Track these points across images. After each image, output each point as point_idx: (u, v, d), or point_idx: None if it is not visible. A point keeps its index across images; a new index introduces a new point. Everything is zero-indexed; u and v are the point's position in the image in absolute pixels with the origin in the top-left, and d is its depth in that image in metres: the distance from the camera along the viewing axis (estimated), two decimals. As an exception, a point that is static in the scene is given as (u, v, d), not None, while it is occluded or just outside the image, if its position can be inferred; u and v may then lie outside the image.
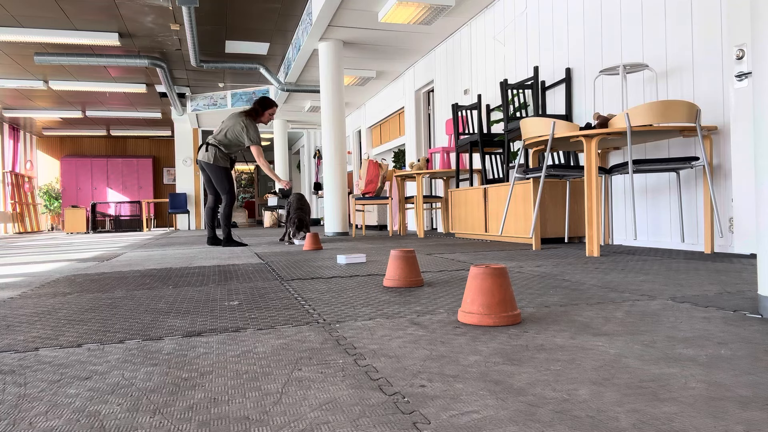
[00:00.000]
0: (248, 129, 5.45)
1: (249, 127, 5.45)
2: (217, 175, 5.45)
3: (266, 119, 5.58)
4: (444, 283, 2.40)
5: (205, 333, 1.54)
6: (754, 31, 1.61)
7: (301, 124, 14.48)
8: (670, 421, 0.84)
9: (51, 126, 15.27)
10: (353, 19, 6.73)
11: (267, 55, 9.46)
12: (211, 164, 5.44)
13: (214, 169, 5.44)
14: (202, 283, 2.66)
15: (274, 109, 5.64)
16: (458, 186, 6.18)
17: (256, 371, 1.16)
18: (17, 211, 14.79)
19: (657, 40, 4.03)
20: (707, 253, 3.45)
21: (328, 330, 1.54)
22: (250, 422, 0.88)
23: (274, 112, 5.64)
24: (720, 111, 3.55)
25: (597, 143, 3.37)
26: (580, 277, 2.47)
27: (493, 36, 6.39)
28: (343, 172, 7.56)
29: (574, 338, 1.37)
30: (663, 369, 1.11)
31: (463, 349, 1.30)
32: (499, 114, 6.29)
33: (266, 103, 5.61)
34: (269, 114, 5.60)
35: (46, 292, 2.51)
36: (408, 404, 0.94)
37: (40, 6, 7.04)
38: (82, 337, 1.53)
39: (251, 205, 21.38)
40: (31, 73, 10.01)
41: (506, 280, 1.57)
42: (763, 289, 1.58)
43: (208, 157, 5.45)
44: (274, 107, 5.62)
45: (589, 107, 4.77)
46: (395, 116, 10.30)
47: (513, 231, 4.72)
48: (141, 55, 9.08)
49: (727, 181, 3.51)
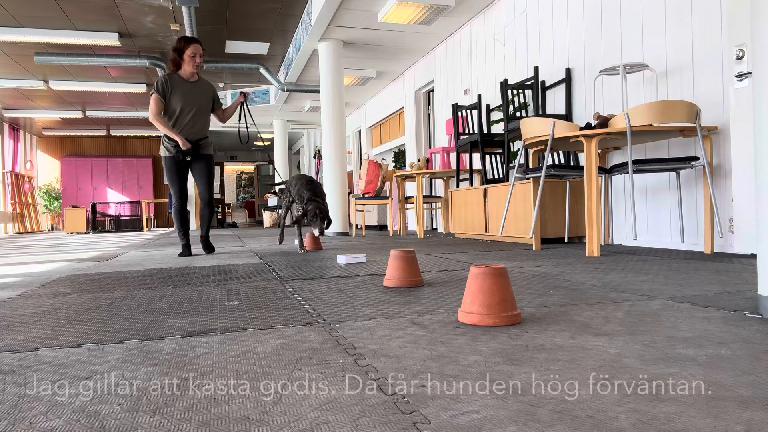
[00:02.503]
0: None
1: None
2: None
3: (188, 65, 4.21)
4: (444, 283, 2.40)
5: (205, 333, 1.54)
6: (754, 31, 1.61)
7: (301, 124, 14.48)
8: (670, 421, 0.84)
9: (51, 126, 15.27)
10: (353, 19, 6.73)
11: (267, 55, 9.46)
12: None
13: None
14: (202, 283, 2.66)
15: (191, 47, 4.20)
16: (458, 186, 6.18)
17: (256, 371, 1.16)
18: (17, 211, 14.79)
19: (657, 40, 4.03)
20: (707, 253, 3.45)
21: (328, 330, 1.53)
22: (250, 422, 0.88)
23: (194, 51, 4.20)
24: (720, 111, 3.55)
25: (597, 143, 3.37)
26: (580, 277, 2.47)
27: (493, 36, 6.39)
28: (343, 172, 7.56)
29: (574, 338, 1.37)
30: (663, 369, 1.11)
31: (463, 349, 1.30)
32: (499, 114, 6.29)
33: (177, 46, 4.24)
34: (188, 56, 4.20)
35: (46, 292, 2.51)
36: (408, 404, 0.94)
37: (40, 6, 7.04)
38: (82, 337, 1.53)
39: (251, 205, 21.39)
40: (31, 73, 10.01)
41: (506, 280, 1.57)
42: (763, 289, 1.58)
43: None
44: (188, 44, 4.20)
45: (589, 107, 4.77)
46: (395, 116, 10.30)
47: (513, 231, 4.72)
48: (141, 55, 9.08)
49: (727, 181, 3.51)
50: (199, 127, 4.34)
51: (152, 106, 4.17)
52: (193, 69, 4.25)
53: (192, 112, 4.28)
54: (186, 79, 4.29)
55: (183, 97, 4.24)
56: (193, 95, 4.29)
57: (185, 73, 4.27)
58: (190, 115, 4.27)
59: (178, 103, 4.23)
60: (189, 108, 4.26)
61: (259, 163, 21.88)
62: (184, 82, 4.28)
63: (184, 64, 4.24)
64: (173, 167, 4.29)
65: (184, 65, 4.24)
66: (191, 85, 4.31)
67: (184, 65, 4.24)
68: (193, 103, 4.29)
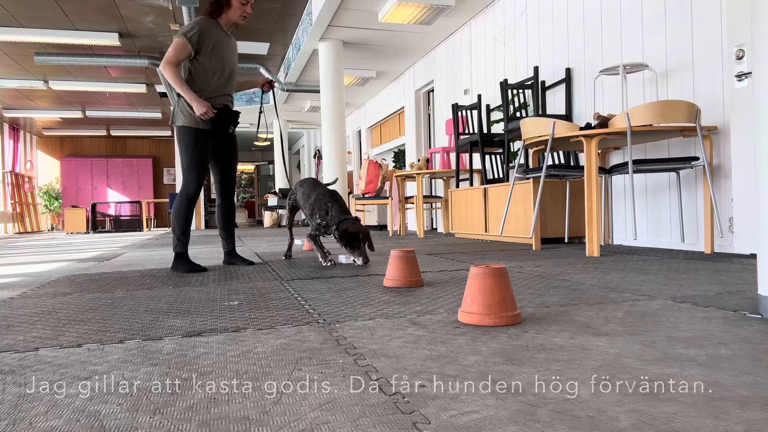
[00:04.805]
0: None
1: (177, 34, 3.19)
2: (177, 142, 3.28)
3: (236, 11, 3.26)
4: (444, 283, 2.40)
5: (205, 333, 1.54)
6: (754, 30, 1.61)
7: (301, 124, 14.48)
8: (670, 421, 0.84)
9: (51, 126, 15.27)
10: (353, 19, 6.73)
11: (267, 55, 9.46)
12: (175, 126, 3.29)
13: (176, 133, 3.29)
14: (202, 283, 2.66)
15: None
16: (458, 186, 6.18)
17: (256, 371, 1.16)
18: (17, 211, 14.79)
19: (657, 40, 4.03)
20: (707, 253, 3.45)
21: (328, 330, 1.53)
22: (250, 422, 0.88)
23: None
24: (720, 111, 3.55)
25: (597, 143, 3.37)
26: (580, 277, 2.47)
27: (493, 36, 6.39)
28: (343, 172, 7.56)
29: (574, 338, 1.37)
30: (663, 369, 1.11)
31: (463, 349, 1.30)
32: (499, 114, 6.29)
33: None
34: (240, 1, 3.25)
35: (46, 292, 2.51)
36: (408, 404, 0.94)
37: (40, 6, 7.04)
38: (82, 337, 1.53)
39: (251, 205, 21.37)
40: (31, 73, 10.01)
41: (506, 280, 1.57)
42: (763, 289, 1.58)
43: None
44: None
45: (589, 107, 4.77)
46: (395, 116, 10.30)
47: (513, 231, 4.72)
48: (141, 55, 9.08)
49: (727, 181, 3.51)
50: (232, 93, 3.42)
51: (173, 51, 3.09)
52: (240, 19, 3.30)
53: (228, 74, 3.32)
54: (224, 30, 3.31)
55: (221, 53, 3.26)
56: (230, 51, 3.33)
57: (226, 21, 3.30)
58: (225, 76, 3.30)
59: (218, 60, 3.24)
60: (228, 68, 3.30)
61: (259, 163, 21.88)
62: (223, 33, 3.29)
63: (231, 10, 3.26)
64: (204, 143, 3.21)
65: (230, 11, 3.26)
66: (228, 38, 3.33)
67: (229, 11, 3.26)
68: (231, 62, 3.33)
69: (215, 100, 3.24)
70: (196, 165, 3.19)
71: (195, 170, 3.19)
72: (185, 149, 3.19)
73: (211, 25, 3.22)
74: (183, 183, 3.21)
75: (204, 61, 3.19)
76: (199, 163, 3.20)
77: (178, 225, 3.21)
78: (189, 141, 3.18)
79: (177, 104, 3.22)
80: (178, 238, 3.22)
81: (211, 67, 3.21)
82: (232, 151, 3.41)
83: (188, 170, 3.19)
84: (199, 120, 3.16)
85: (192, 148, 3.18)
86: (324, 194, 3.38)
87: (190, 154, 3.18)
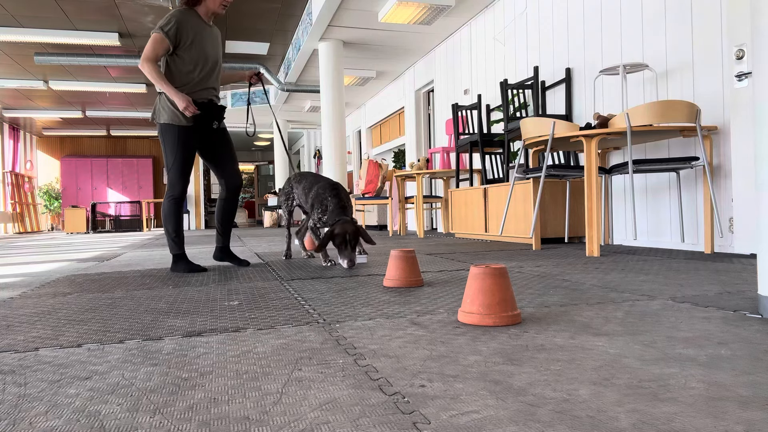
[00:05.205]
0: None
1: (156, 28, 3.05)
2: (161, 141, 3.16)
3: (217, 2, 3.14)
4: (444, 283, 2.40)
5: (205, 333, 1.54)
6: (754, 30, 1.61)
7: (301, 124, 14.48)
8: (670, 421, 0.84)
9: (51, 126, 15.27)
10: (353, 19, 6.73)
11: (267, 55, 9.46)
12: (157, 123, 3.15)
13: (158, 131, 3.17)
14: (202, 283, 2.66)
15: None
16: (458, 186, 6.18)
17: (256, 371, 1.16)
18: (17, 211, 14.79)
19: (657, 40, 4.03)
20: (707, 253, 3.45)
21: (328, 330, 1.53)
22: (250, 422, 0.88)
23: None
24: (720, 111, 3.55)
25: (597, 143, 3.37)
26: (580, 277, 2.47)
27: (493, 36, 6.39)
28: (343, 172, 7.56)
29: (574, 338, 1.37)
30: (663, 369, 1.11)
31: (463, 349, 1.30)
32: (499, 114, 6.29)
33: None
34: None
35: (46, 292, 2.51)
36: (408, 404, 0.94)
37: (40, 6, 7.04)
38: (82, 337, 1.53)
39: (251, 205, 21.36)
40: (31, 73, 10.01)
41: (506, 280, 1.57)
42: (763, 289, 1.58)
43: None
44: None
45: (589, 107, 4.77)
46: (395, 116, 10.30)
47: (513, 231, 4.72)
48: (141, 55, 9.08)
49: (727, 181, 3.51)
50: (217, 87, 3.28)
51: (150, 47, 2.98)
52: (219, 8, 3.16)
53: (211, 66, 3.19)
54: (205, 21, 3.18)
55: (202, 45, 3.13)
56: (212, 42, 3.20)
57: (205, 11, 3.16)
58: (208, 69, 3.17)
59: (199, 53, 3.11)
60: (210, 60, 3.18)
61: (259, 163, 21.88)
62: (203, 24, 3.16)
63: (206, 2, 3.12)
64: (188, 140, 3.09)
65: (209, 0, 3.13)
66: (209, 29, 3.20)
67: (208, 0, 3.13)
68: (213, 54, 3.20)
69: (198, 95, 3.13)
70: (180, 163, 3.10)
71: (180, 169, 3.10)
72: (169, 147, 3.09)
73: (189, 16, 3.09)
74: (168, 183, 3.12)
75: (184, 55, 3.07)
76: (184, 161, 3.10)
77: (170, 227, 3.17)
78: (172, 139, 3.07)
79: (158, 100, 3.11)
80: (173, 240, 3.17)
81: (192, 60, 3.09)
82: (226, 150, 3.30)
83: (173, 169, 3.10)
84: (182, 117, 3.05)
85: (176, 146, 3.08)
86: (324, 188, 3.29)
87: (174, 153, 3.08)
